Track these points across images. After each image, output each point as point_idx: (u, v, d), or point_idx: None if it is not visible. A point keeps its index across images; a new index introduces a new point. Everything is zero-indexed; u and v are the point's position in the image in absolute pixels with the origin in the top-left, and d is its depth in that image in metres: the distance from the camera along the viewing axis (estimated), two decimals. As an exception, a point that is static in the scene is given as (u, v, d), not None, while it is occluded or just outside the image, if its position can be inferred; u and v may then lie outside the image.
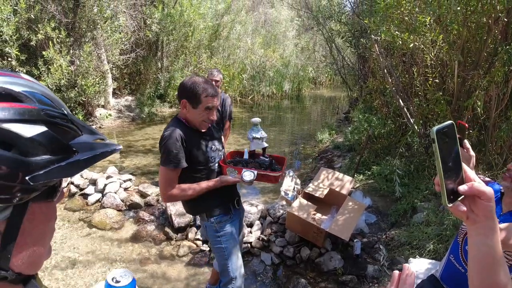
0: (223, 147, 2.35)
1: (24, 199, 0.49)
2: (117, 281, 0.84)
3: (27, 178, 0.47)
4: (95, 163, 0.55)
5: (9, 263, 0.51)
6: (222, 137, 2.39)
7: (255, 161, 2.39)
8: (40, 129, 0.49)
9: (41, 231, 0.54)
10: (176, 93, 2.12)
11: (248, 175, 2.13)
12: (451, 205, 0.67)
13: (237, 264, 2.27)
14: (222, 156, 2.29)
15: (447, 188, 0.66)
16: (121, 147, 0.61)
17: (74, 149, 0.52)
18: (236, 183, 2.21)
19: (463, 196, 0.68)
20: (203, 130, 2.15)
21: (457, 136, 0.68)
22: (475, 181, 0.68)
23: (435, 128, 0.64)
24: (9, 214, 0.50)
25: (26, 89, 0.51)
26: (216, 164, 2.21)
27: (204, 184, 2.11)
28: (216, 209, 2.19)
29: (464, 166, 0.69)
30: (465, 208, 0.68)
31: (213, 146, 2.19)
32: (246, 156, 2.50)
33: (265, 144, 2.43)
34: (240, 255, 2.31)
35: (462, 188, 0.67)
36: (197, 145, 2.11)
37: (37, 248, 0.54)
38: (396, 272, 0.73)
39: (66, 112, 0.54)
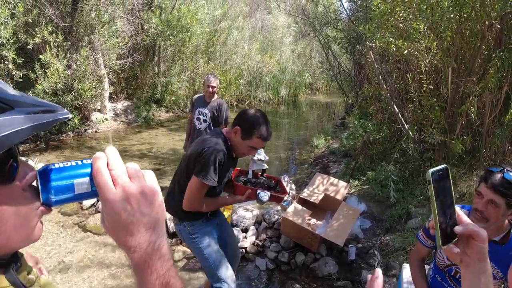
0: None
1: None
2: None
3: None
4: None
5: None
6: None
7: (263, 182, 2.48)
8: None
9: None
10: (235, 118, 2.15)
11: (264, 195, 2.23)
12: (445, 247, 0.68)
13: (220, 260, 2.24)
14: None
15: (441, 229, 0.67)
16: (68, 116, 0.61)
17: None
18: (247, 201, 2.29)
19: (457, 238, 0.68)
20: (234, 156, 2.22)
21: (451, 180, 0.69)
22: (469, 222, 0.69)
23: (430, 171, 0.66)
24: None
25: None
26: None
27: (222, 200, 2.22)
28: (187, 216, 2.22)
29: (457, 208, 0.70)
30: (459, 250, 0.69)
31: (231, 170, 2.27)
32: (250, 175, 2.59)
33: (266, 166, 2.59)
34: (223, 253, 2.29)
35: (458, 228, 0.68)
36: (226, 168, 2.16)
37: None
38: (369, 276, 0.75)
39: None
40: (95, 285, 3.19)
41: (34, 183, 0.57)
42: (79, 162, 0.58)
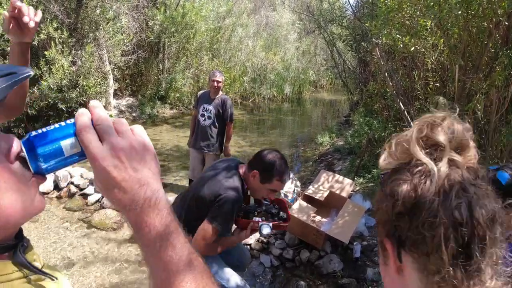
0: None
1: None
2: None
3: None
4: None
5: None
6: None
7: (264, 210, 2.42)
8: None
9: None
10: (252, 160, 2.09)
11: (266, 228, 2.18)
12: None
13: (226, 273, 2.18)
14: None
15: None
16: (30, 73, 0.59)
17: None
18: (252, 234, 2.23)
19: None
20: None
21: None
22: None
23: None
24: None
25: None
26: None
27: (230, 242, 2.13)
28: None
29: None
30: None
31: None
32: (252, 201, 2.55)
33: None
34: (240, 279, 2.22)
35: None
36: (239, 210, 2.12)
37: None
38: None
39: None
40: (99, 281, 3.20)
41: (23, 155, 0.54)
42: (63, 123, 0.55)
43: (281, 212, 2.40)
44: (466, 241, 0.51)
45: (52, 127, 0.54)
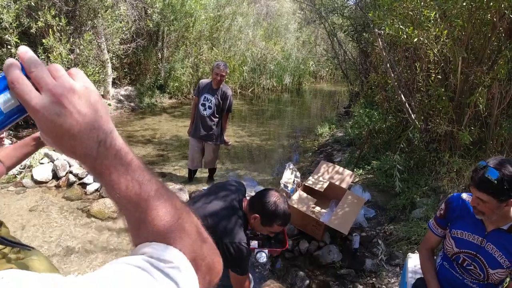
0: None
1: None
2: None
3: None
4: None
5: None
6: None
7: (262, 234, 2.38)
8: None
9: None
10: (253, 201, 2.04)
11: (262, 257, 2.19)
12: None
13: None
14: None
15: None
16: None
17: None
18: None
19: None
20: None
21: None
22: None
23: None
24: None
25: None
26: None
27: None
28: None
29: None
30: None
31: None
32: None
33: None
34: None
35: None
36: None
37: None
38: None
39: None
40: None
41: None
42: None
43: (279, 235, 2.37)
44: None
45: None
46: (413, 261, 2.39)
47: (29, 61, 0.48)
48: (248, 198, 2.12)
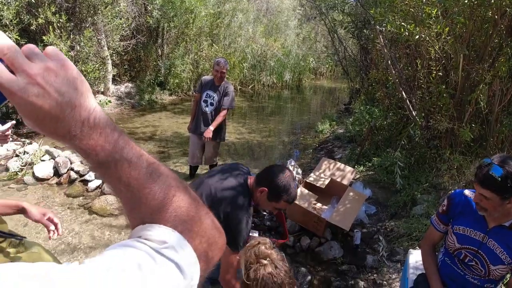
0: None
1: None
2: None
3: None
4: None
5: None
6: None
7: (263, 222, 2.34)
8: None
9: None
10: (261, 175, 2.00)
11: None
12: None
13: None
14: None
15: None
16: None
17: None
18: None
19: None
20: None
21: None
22: None
23: None
24: None
25: None
26: None
27: None
28: None
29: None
30: None
31: None
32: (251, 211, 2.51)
33: None
34: None
35: None
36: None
37: None
38: None
39: None
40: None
41: None
42: None
43: (280, 228, 2.34)
44: None
45: None
46: (414, 257, 2.41)
47: (1, 46, 0.45)
48: (253, 175, 2.12)
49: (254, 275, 1.29)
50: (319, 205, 3.71)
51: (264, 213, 2.42)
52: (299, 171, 4.14)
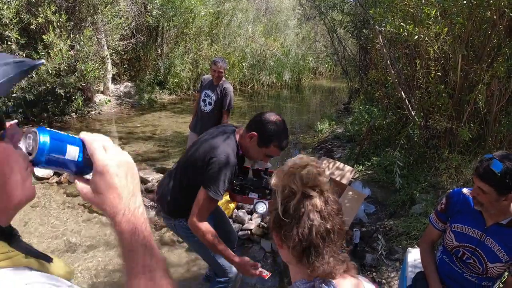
0: None
1: None
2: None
3: None
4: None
5: None
6: None
7: (262, 186, 2.32)
8: None
9: None
10: (252, 121, 1.95)
11: (261, 207, 2.12)
12: None
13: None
14: None
15: None
16: (42, 61, 0.66)
17: None
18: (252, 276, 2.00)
19: None
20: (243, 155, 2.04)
21: None
22: None
23: None
24: None
25: None
26: None
27: (227, 253, 1.93)
28: (186, 213, 1.98)
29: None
30: None
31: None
32: (250, 174, 2.46)
33: (269, 165, 2.41)
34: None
35: None
36: (235, 176, 1.98)
37: None
38: None
39: None
40: (102, 265, 3.24)
41: (21, 145, 0.59)
42: (70, 134, 0.63)
43: None
44: (306, 247, 0.86)
45: (62, 132, 0.62)
46: (413, 255, 2.43)
47: (94, 135, 0.64)
48: (242, 127, 2.07)
49: (295, 209, 0.88)
50: (318, 204, 3.72)
51: (265, 176, 2.40)
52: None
